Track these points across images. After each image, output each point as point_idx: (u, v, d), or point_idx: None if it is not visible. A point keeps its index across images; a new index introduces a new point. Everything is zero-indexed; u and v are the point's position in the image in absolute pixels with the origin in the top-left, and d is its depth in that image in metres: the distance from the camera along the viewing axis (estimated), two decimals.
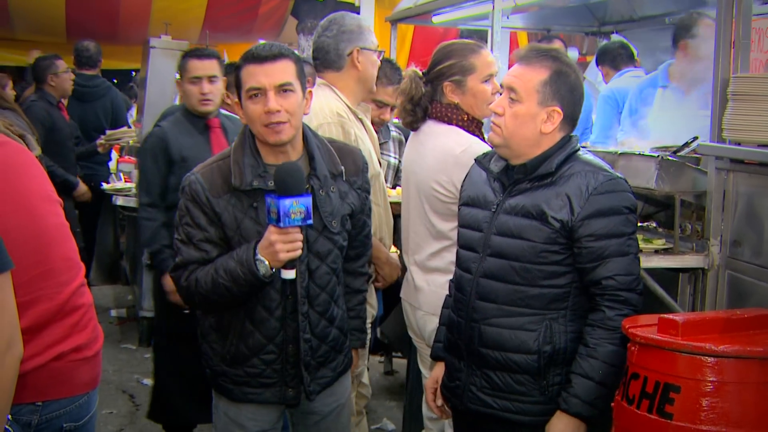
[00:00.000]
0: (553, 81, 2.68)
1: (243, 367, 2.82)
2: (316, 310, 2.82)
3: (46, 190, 2.43)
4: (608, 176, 2.66)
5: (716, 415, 2.25)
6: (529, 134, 2.70)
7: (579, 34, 7.05)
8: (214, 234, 2.74)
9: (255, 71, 2.70)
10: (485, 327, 2.75)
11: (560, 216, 2.62)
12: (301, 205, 2.55)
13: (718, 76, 3.28)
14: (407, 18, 7.04)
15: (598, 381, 2.60)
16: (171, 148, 4.20)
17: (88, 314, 2.47)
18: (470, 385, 2.81)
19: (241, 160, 2.74)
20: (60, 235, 2.43)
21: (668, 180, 3.40)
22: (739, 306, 3.14)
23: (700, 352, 2.29)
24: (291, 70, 2.71)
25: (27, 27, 10.14)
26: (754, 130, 3.13)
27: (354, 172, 2.91)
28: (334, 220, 2.80)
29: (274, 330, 2.79)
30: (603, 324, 2.61)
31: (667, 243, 3.44)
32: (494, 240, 2.74)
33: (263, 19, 10.80)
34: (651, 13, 6.01)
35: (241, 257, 2.64)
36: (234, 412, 2.89)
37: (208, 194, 2.72)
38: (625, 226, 2.64)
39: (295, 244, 2.59)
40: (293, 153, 2.78)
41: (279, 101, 2.67)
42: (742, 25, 3.23)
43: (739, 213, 3.26)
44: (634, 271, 2.66)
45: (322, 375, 2.88)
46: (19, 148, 2.43)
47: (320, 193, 2.77)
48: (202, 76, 4.21)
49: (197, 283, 2.72)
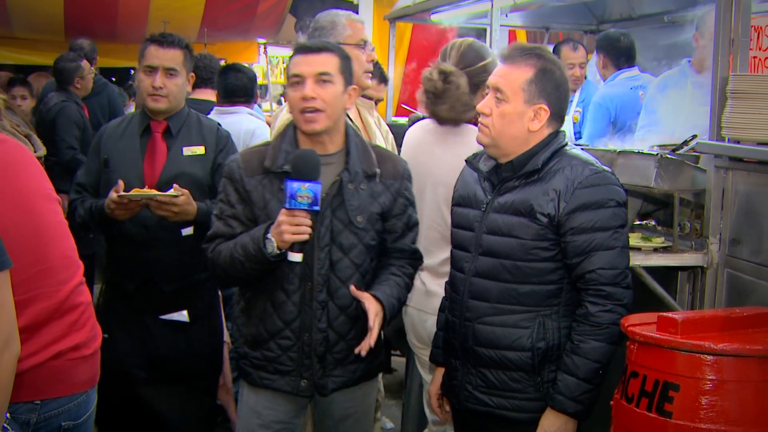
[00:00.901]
0: (538, 79, 2.69)
1: (261, 349, 2.90)
2: (336, 303, 2.87)
3: (44, 188, 2.43)
4: (594, 170, 2.66)
5: (715, 413, 2.25)
6: (517, 133, 2.71)
7: (578, 32, 7.04)
8: (242, 212, 2.87)
9: (298, 61, 2.85)
10: (479, 326, 2.75)
11: (547, 211, 2.64)
12: (309, 191, 2.65)
13: (717, 75, 3.28)
14: (406, 16, 7.04)
15: (582, 377, 2.60)
16: (101, 148, 3.60)
17: (86, 312, 2.47)
18: (466, 384, 2.82)
19: (279, 145, 2.88)
20: (58, 233, 2.43)
21: (667, 178, 3.40)
22: (738, 304, 3.13)
23: (700, 350, 2.29)
24: (333, 63, 2.84)
25: (26, 25, 10.13)
26: (753, 128, 3.12)
27: (392, 176, 2.95)
28: (359, 216, 2.86)
29: (290, 314, 2.86)
30: (586, 320, 2.62)
31: (666, 241, 3.44)
32: (485, 239, 2.75)
33: (262, 18, 10.80)
34: (650, 11, 6.00)
35: (254, 234, 2.76)
36: (253, 400, 2.97)
37: (242, 173, 2.87)
38: (612, 220, 2.63)
39: (301, 227, 2.67)
40: (331, 146, 2.89)
41: (316, 89, 2.79)
42: (741, 24, 3.23)
43: (738, 211, 3.26)
44: (619, 265, 2.64)
45: (339, 374, 2.92)
46: (17, 145, 2.42)
47: (348, 186, 2.85)
48: (158, 66, 3.54)
49: (220, 255, 2.85)
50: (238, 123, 4.95)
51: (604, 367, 2.60)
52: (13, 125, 2.66)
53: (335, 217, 2.83)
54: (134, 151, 3.55)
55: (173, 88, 3.55)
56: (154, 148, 3.57)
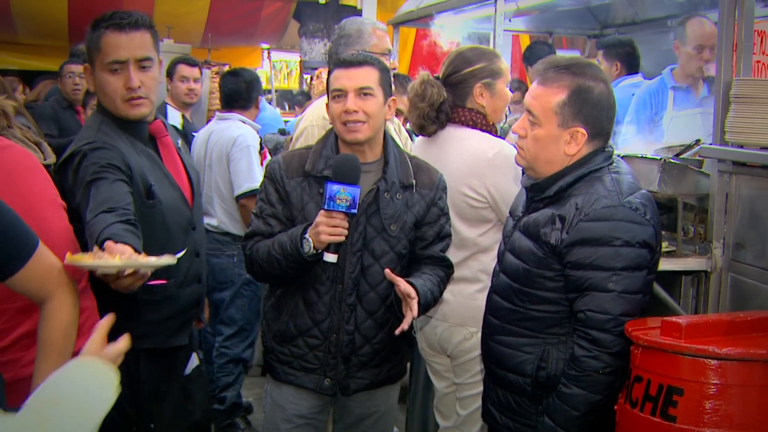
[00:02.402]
0: (572, 101, 2.52)
1: (289, 345, 2.98)
2: (364, 307, 2.94)
3: (50, 194, 2.44)
4: (608, 203, 2.46)
5: (719, 417, 2.25)
6: (553, 157, 2.58)
7: (581, 37, 7.05)
8: (281, 211, 2.94)
9: (339, 75, 2.91)
10: (492, 343, 2.74)
11: (550, 240, 2.53)
12: (347, 194, 2.71)
13: (720, 79, 3.28)
14: (409, 21, 7.05)
15: (559, 424, 2.50)
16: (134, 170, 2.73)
17: (91, 317, 2.47)
18: (486, 398, 2.82)
19: (320, 151, 2.96)
20: (63, 239, 2.43)
21: (671, 183, 3.39)
22: (742, 308, 3.13)
23: (704, 354, 2.28)
24: (373, 77, 2.90)
25: (30, 30, 10.16)
26: (756, 132, 3.12)
27: (428, 186, 3.01)
28: (393, 224, 2.92)
29: (321, 314, 2.93)
30: (573, 363, 2.49)
31: (670, 246, 3.44)
32: (507, 257, 2.70)
33: (265, 23, 10.83)
34: (653, 15, 6.01)
35: (292, 233, 2.83)
36: (277, 394, 3.05)
37: (283, 173, 2.94)
38: (613, 260, 2.43)
39: (338, 229, 2.73)
40: (370, 155, 2.95)
41: (358, 103, 2.86)
42: (744, 28, 3.23)
43: (741, 215, 3.26)
44: (612, 311, 2.44)
45: (362, 376, 2.99)
46: (22, 151, 2.43)
47: (384, 195, 2.92)
48: (127, 59, 2.73)
49: (257, 252, 2.92)
50: (226, 130, 4.99)
51: (584, 416, 2.47)
52: (24, 132, 2.66)
53: (369, 223, 2.90)
54: (163, 169, 2.89)
55: (151, 83, 2.80)
56: (172, 158, 2.96)
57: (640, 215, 2.48)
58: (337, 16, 10.68)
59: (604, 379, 2.46)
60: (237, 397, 5.12)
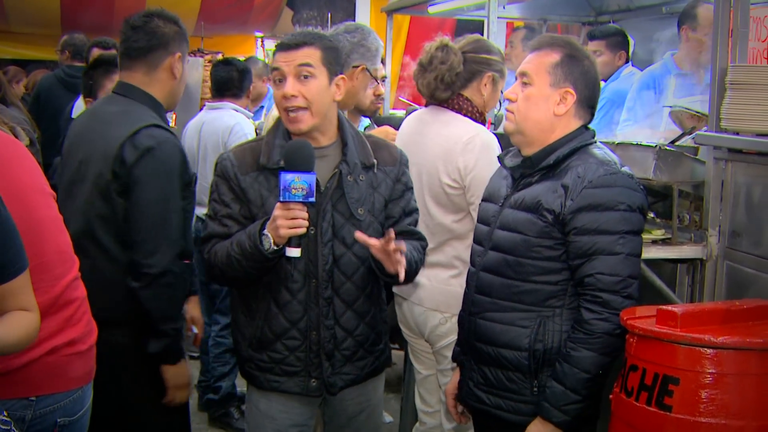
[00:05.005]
0: (564, 63, 2.66)
1: (267, 351, 2.83)
2: (342, 298, 2.82)
3: (39, 183, 2.41)
4: (609, 170, 2.57)
5: (715, 406, 2.24)
6: (542, 117, 2.66)
7: (576, 23, 7.01)
8: (238, 211, 2.80)
9: (278, 58, 2.78)
10: (480, 321, 2.73)
11: (552, 207, 2.57)
12: (303, 182, 2.57)
13: (716, 66, 3.26)
14: (403, 8, 7.01)
15: (569, 387, 2.53)
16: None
17: (82, 308, 2.46)
18: (468, 380, 2.80)
19: (272, 141, 2.81)
20: (54, 228, 2.41)
21: (666, 170, 3.38)
22: (738, 297, 3.12)
23: (699, 343, 2.27)
24: (315, 56, 2.75)
25: (22, 19, 10.10)
26: (752, 119, 3.11)
27: (390, 162, 2.91)
28: (360, 208, 2.80)
29: (297, 313, 2.79)
30: (581, 327, 2.54)
31: (666, 233, 3.43)
32: (496, 234, 2.71)
33: (258, 11, 10.77)
34: (648, 2, 5.97)
35: (250, 231, 2.69)
36: (265, 404, 2.91)
37: (237, 171, 2.79)
38: (619, 224, 2.53)
39: (297, 221, 2.59)
40: (323, 139, 2.83)
41: (297, 86, 2.73)
42: (740, 14, 3.22)
43: (737, 203, 3.25)
44: (621, 272, 2.53)
45: (347, 371, 2.87)
46: (9, 139, 2.41)
47: (348, 179, 2.79)
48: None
49: (216, 255, 2.78)
50: (219, 119, 4.94)
51: (595, 378, 2.53)
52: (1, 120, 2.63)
53: (336, 210, 2.78)
54: None
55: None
56: None
57: (636, 183, 2.63)
58: (330, 4, 10.64)
59: (614, 340, 2.52)
60: (232, 387, 5.11)
